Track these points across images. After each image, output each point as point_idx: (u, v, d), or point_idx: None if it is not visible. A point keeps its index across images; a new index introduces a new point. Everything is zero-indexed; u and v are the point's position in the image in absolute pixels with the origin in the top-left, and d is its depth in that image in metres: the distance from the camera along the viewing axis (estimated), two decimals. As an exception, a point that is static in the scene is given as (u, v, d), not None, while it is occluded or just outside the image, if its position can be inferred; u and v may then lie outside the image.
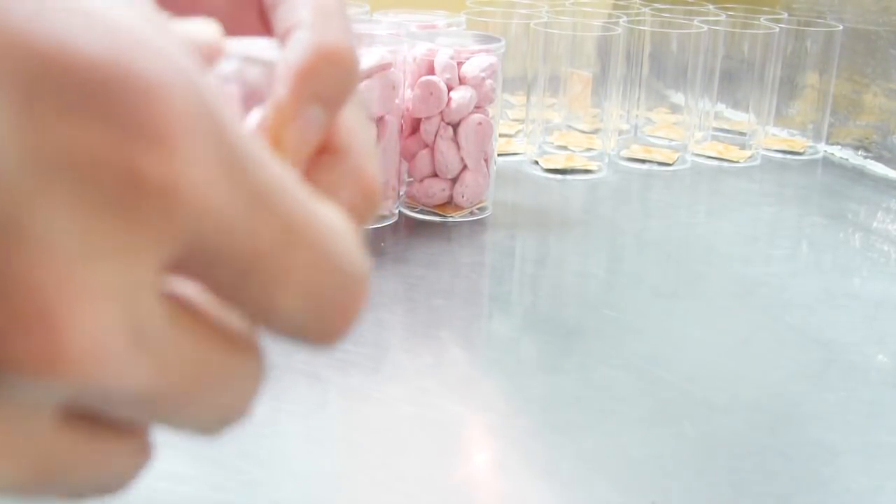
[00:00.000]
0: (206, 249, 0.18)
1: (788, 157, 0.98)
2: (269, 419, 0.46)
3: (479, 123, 0.72)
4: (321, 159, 0.23)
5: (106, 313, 0.16)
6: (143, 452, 0.21)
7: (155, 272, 0.17)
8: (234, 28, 0.25)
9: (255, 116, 0.23)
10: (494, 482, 0.43)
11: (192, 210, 0.17)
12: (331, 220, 0.20)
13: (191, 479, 0.41)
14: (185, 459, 0.42)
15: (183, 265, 0.18)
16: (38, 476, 0.18)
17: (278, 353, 0.26)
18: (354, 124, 0.24)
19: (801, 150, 0.98)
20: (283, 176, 0.19)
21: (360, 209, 0.23)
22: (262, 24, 0.27)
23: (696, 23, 0.93)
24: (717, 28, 0.94)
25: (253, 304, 0.19)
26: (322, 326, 0.20)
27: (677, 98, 0.97)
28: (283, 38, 0.24)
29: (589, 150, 0.91)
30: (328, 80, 0.23)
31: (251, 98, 0.23)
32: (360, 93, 0.24)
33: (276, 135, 0.22)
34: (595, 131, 0.92)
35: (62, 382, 0.16)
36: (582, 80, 0.91)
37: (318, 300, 0.20)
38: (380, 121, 0.70)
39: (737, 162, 0.95)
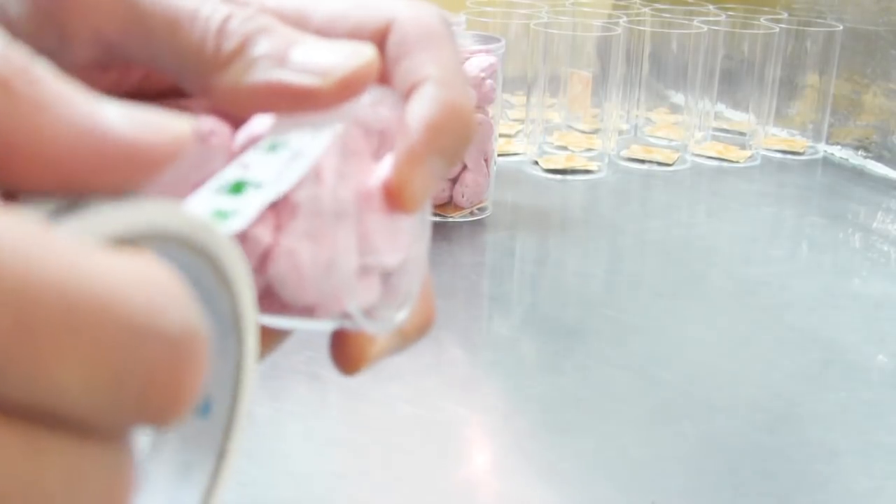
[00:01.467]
0: None
1: (788, 157, 0.98)
2: (269, 419, 0.46)
3: (479, 123, 0.72)
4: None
5: None
6: (122, 465, 0.17)
7: None
8: None
9: (387, 162, 0.24)
10: (494, 482, 0.43)
11: None
12: (123, 270, 0.16)
13: (191, 479, 0.41)
14: (185, 459, 0.42)
15: None
16: None
17: (278, 353, 0.26)
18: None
19: (801, 151, 0.98)
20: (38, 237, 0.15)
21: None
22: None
23: (696, 23, 0.93)
24: (717, 28, 0.94)
25: (22, 388, 0.15)
26: (134, 403, 0.16)
27: (677, 98, 0.97)
28: (408, 91, 0.25)
29: (589, 150, 0.91)
30: (452, 135, 0.24)
31: (378, 141, 0.25)
32: None
33: (402, 179, 0.23)
34: (595, 131, 0.92)
35: None
36: (582, 80, 0.91)
37: (111, 370, 0.15)
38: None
39: (737, 162, 0.95)
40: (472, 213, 0.75)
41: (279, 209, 0.23)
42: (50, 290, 0.14)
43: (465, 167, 0.73)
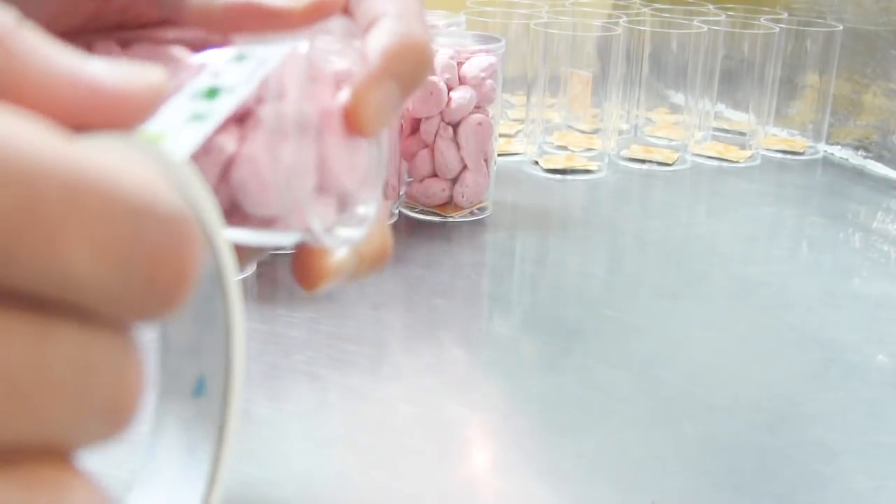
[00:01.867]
0: None
1: (788, 157, 0.98)
2: (269, 419, 0.46)
3: (479, 123, 0.72)
4: None
5: None
6: (132, 358, 0.17)
7: None
8: None
9: (346, 92, 0.25)
10: (494, 482, 0.43)
11: None
12: (112, 156, 0.17)
13: (191, 479, 0.41)
14: (185, 459, 0.42)
15: None
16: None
17: (278, 353, 0.26)
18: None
19: (801, 150, 0.98)
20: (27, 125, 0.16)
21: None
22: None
23: (696, 23, 0.93)
24: (717, 28, 0.94)
25: (33, 273, 0.15)
26: (141, 283, 0.16)
27: (677, 98, 0.97)
28: (367, 27, 0.27)
29: (589, 150, 0.91)
30: (408, 63, 0.26)
31: (339, 72, 0.26)
32: None
33: (359, 101, 0.25)
34: (595, 131, 0.92)
35: None
36: (582, 80, 0.91)
37: (117, 249, 0.16)
38: (380, 121, 0.70)
39: (737, 162, 0.95)
40: (472, 213, 0.75)
41: (244, 122, 0.24)
42: (53, 172, 0.15)
43: (465, 167, 0.73)
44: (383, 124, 0.26)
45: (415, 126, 0.73)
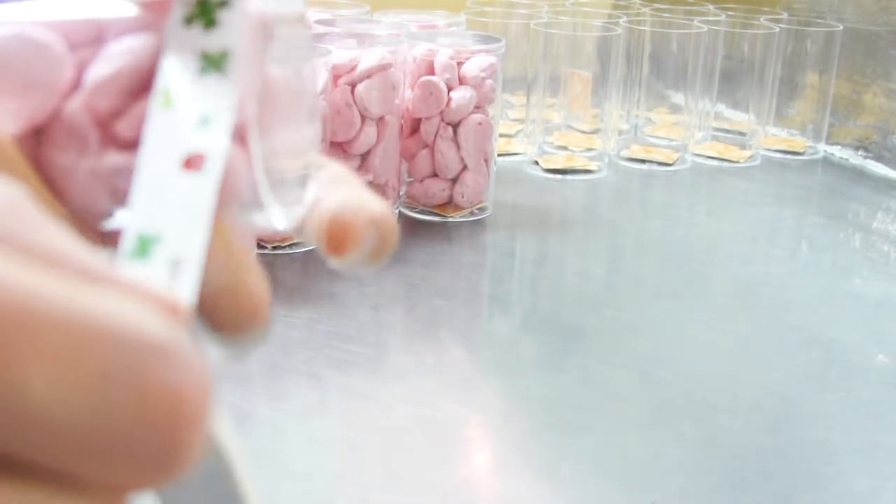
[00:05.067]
0: None
1: (788, 157, 0.98)
2: (269, 419, 0.46)
3: (479, 123, 0.72)
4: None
5: None
6: None
7: None
8: None
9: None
10: (494, 482, 0.43)
11: None
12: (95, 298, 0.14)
13: (191, 479, 0.41)
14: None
15: None
16: None
17: (278, 353, 0.26)
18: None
19: (801, 150, 0.98)
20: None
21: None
22: None
23: (696, 23, 0.93)
24: (717, 28, 0.94)
25: None
26: (126, 424, 0.13)
27: (677, 98, 0.97)
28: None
29: (589, 150, 0.91)
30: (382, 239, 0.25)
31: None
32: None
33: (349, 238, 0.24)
34: (595, 131, 0.92)
35: None
36: (582, 80, 0.91)
37: (88, 380, 0.13)
38: (380, 121, 0.70)
39: (737, 162, 0.95)
40: (472, 213, 0.75)
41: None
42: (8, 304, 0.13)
43: (465, 167, 0.73)
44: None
45: (415, 126, 0.73)
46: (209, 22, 0.19)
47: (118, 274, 0.14)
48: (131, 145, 0.19)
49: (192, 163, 0.18)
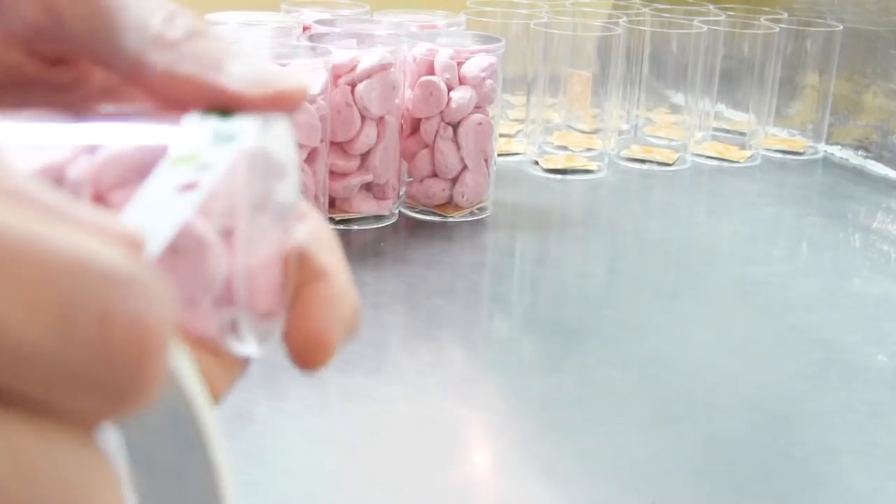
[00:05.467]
0: None
1: (788, 157, 0.98)
2: (269, 419, 0.47)
3: (479, 123, 0.72)
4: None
5: None
6: (94, 462, 0.14)
7: None
8: None
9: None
10: (494, 482, 0.43)
11: None
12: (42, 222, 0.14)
13: (191, 479, 0.41)
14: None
15: None
16: None
17: (278, 352, 0.26)
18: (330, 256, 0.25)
19: (801, 151, 0.98)
20: None
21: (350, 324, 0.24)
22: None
23: (696, 23, 0.93)
24: (717, 28, 0.94)
25: None
26: (92, 350, 0.13)
27: (677, 98, 0.97)
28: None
29: (589, 150, 0.91)
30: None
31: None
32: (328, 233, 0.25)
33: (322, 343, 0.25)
34: (595, 131, 0.92)
35: None
36: (582, 80, 0.91)
37: (55, 310, 0.13)
38: (380, 121, 0.70)
39: (737, 162, 0.95)
40: (472, 213, 0.75)
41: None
42: None
43: (465, 167, 0.73)
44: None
45: (415, 126, 0.73)
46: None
47: (81, 211, 0.15)
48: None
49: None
